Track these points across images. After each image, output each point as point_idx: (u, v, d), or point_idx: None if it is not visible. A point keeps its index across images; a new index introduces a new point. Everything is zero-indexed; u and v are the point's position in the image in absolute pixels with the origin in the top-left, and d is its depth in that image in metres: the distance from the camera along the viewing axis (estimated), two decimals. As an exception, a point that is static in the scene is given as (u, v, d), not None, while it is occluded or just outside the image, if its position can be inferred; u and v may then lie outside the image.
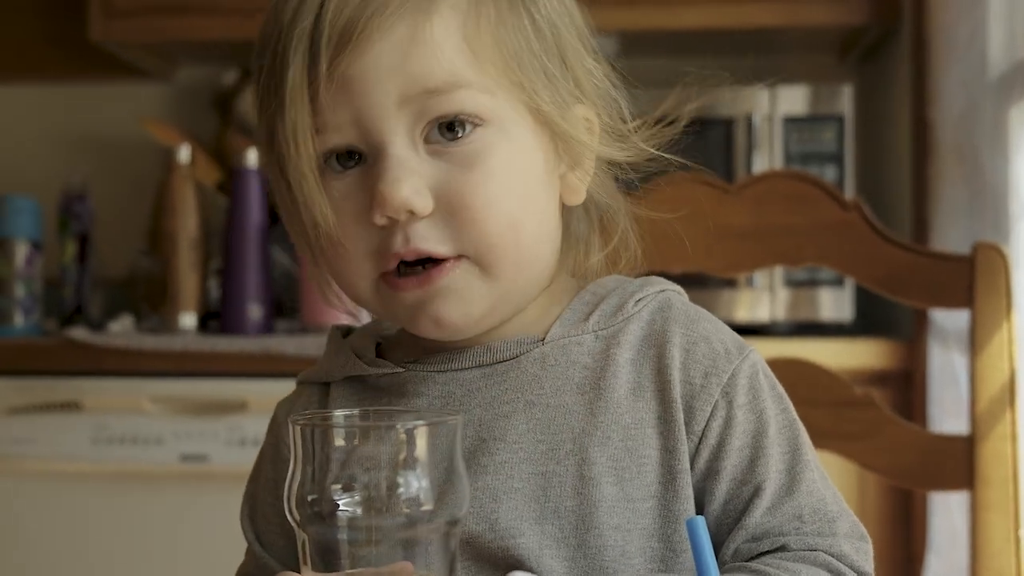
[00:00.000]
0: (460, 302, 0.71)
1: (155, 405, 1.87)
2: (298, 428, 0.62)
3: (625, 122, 0.77)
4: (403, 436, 0.61)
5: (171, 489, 1.87)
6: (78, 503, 1.88)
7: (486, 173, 0.69)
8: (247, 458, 1.94)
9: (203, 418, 1.86)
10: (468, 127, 0.69)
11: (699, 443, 0.73)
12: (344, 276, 0.73)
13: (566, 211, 0.77)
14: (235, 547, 2.10)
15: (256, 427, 1.83)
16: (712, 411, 0.73)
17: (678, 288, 0.80)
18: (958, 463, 1.12)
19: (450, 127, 0.69)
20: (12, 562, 1.88)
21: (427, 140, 0.69)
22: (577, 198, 0.76)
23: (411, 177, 0.68)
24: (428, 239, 0.69)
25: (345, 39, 0.67)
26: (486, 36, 0.69)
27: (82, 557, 1.87)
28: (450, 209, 0.69)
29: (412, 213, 0.68)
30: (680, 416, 0.73)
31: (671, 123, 0.76)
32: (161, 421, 1.86)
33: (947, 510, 1.75)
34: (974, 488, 1.11)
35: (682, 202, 1.03)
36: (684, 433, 0.73)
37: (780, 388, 0.77)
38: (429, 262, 0.70)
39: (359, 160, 0.70)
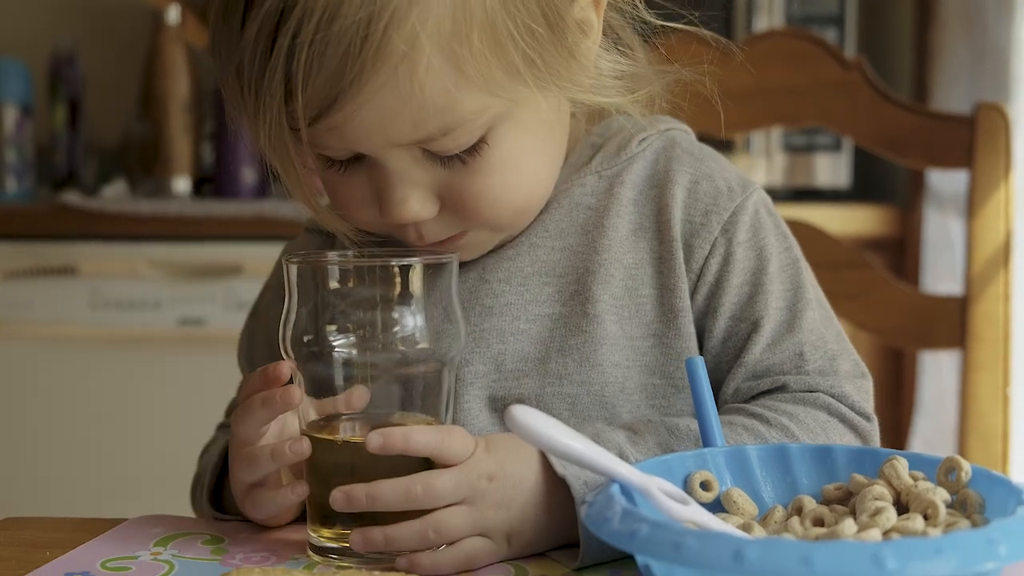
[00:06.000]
0: (473, 250, 0.73)
1: (152, 269, 1.87)
2: (294, 267, 0.62)
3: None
4: (398, 274, 0.61)
5: (169, 353, 1.88)
6: (76, 367, 1.89)
7: (488, 175, 0.67)
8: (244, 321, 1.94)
9: (200, 282, 1.86)
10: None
11: (697, 280, 0.73)
12: (352, 222, 0.71)
13: None
14: (233, 407, 2.08)
15: (252, 291, 1.83)
16: (711, 248, 0.73)
17: (685, 127, 0.79)
18: (950, 323, 1.13)
19: None
20: (8, 426, 1.90)
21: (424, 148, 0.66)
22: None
23: (415, 190, 0.67)
24: (440, 232, 0.70)
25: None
26: (477, 48, 0.62)
27: (79, 421, 1.89)
28: (457, 207, 0.68)
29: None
30: (680, 255, 0.73)
31: None
32: (158, 285, 1.87)
33: (937, 373, 1.77)
34: (965, 347, 1.12)
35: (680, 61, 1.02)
36: (684, 271, 0.73)
37: (785, 227, 0.76)
38: None
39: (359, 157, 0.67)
